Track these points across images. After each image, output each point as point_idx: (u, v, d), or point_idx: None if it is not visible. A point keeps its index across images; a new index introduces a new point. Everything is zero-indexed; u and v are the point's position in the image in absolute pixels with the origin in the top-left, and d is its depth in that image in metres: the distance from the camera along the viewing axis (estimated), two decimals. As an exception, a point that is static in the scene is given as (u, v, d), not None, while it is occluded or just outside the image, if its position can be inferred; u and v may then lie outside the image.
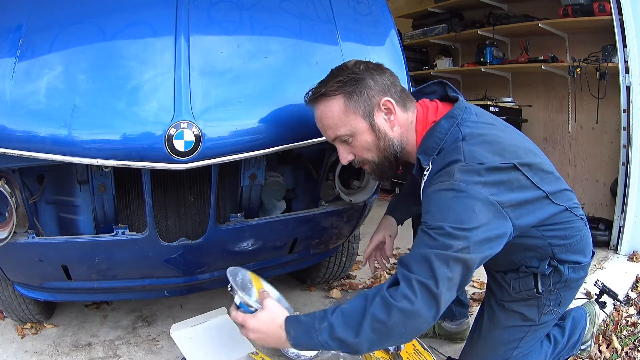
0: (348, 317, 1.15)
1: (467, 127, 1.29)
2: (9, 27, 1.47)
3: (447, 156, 1.25)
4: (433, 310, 1.13)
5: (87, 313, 2.28)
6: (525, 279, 1.45)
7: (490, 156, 1.22)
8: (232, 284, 1.30)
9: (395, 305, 1.11)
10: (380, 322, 1.12)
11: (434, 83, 1.46)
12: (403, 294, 1.11)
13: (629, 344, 1.98)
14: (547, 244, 1.38)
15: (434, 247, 1.14)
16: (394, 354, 1.69)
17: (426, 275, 1.12)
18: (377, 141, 1.34)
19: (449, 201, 1.17)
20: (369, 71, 1.32)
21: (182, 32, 1.52)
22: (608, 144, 3.21)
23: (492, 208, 1.19)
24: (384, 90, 1.31)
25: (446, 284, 1.13)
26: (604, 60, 2.99)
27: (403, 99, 1.35)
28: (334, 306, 1.19)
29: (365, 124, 1.32)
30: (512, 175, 1.24)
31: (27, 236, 1.56)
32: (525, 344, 1.52)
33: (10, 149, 1.39)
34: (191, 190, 1.83)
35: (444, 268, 1.13)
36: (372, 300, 1.14)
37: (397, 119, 1.33)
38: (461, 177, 1.18)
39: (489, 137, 1.27)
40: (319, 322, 1.16)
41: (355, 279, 2.66)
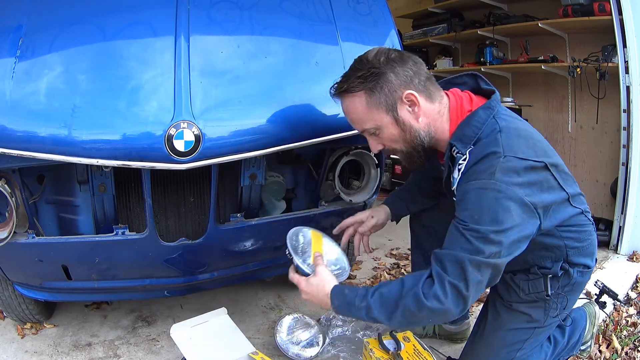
0: (384, 302, 1.27)
1: (503, 119, 1.31)
2: (9, 27, 1.47)
3: (486, 148, 1.26)
4: (460, 307, 1.23)
5: (87, 313, 2.28)
6: (535, 281, 1.45)
7: (526, 150, 1.25)
8: (289, 249, 1.41)
9: (426, 304, 1.21)
10: (411, 313, 1.24)
11: (465, 74, 1.45)
12: (435, 295, 1.21)
13: (629, 344, 1.98)
14: (563, 245, 1.40)
15: (468, 251, 1.21)
16: (394, 354, 1.69)
17: (459, 278, 1.21)
18: (403, 133, 1.34)
19: (489, 202, 1.20)
20: (390, 63, 1.28)
21: (182, 32, 1.52)
22: (608, 144, 3.21)
23: (526, 209, 1.23)
24: (406, 82, 1.29)
25: (476, 286, 1.22)
26: (604, 60, 2.99)
27: (427, 89, 1.32)
28: (373, 287, 1.31)
29: (390, 118, 1.32)
30: (544, 176, 1.28)
31: (27, 236, 1.56)
32: (529, 345, 1.52)
33: (10, 149, 1.39)
34: (191, 190, 1.83)
35: (476, 273, 1.21)
36: (407, 293, 1.24)
37: (421, 109, 1.32)
38: (502, 178, 1.20)
39: (523, 132, 1.31)
40: (360, 301, 1.29)
41: (355, 279, 2.66)
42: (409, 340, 1.76)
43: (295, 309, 2.31)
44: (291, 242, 1.46)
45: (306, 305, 2.36)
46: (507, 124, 1.30)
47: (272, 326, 2.09)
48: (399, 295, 1.25)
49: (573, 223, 1.39)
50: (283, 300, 2.42)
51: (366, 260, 2.93)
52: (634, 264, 2.76)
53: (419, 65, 1.32)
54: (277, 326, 2.00)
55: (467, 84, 1.45)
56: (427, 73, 1.34)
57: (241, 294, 2.46)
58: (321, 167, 1.85)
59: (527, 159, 1.25)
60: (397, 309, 1.25)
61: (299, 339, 1.97)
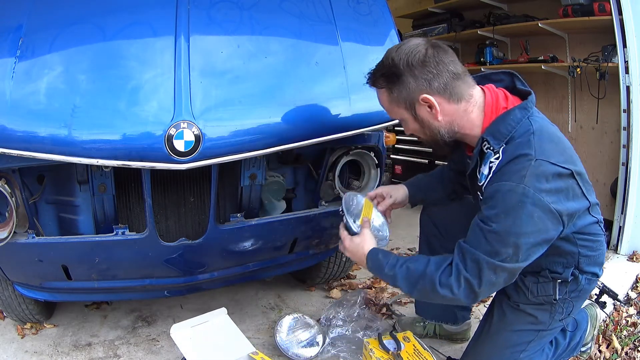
0: (407, 277, 1.39)
1: (537, 122, 1.33)
2: (9, 27, 1.47)
3: (518, 148, 1.28)
4: (470, 299, 1.34)
5: (87, 313, 2.28)
6: (544, 284, 1.47)
7: (557, 155, 1.28)
8: (343, 207, 1.56)
9: (440, 292, 1.33)
10: (426, 292, 1.37)
11: (502, 72, 1.48)
12: (449, 285, 1.31)
13: (629, 344, 1.98)
14: (577, 252, 1.43)
15: (487, 252, 1.27)
16: (394, 354, 1.69)
17: (474, 276, 1.29)
18: (422, 129, 1.42)
19: (514, 205, 1.24)
20: (409, 67, 1.32)
21: (182, 32, 1.52)
22: (608, 144, 3.21)
23: (551, 215, 1.26)
24: (423, 86, 1.33)
25: (488, 285, 1.31)
26: (604, 60, 2.98)
27: (450, 89, 1.33)
28: (404, 259, 1.43)
29: (409, 115, 1.40)
30: (570, 183, 1.30)
31: (27, 236, 1.56)
32: (532, 347, 1.53)
33: (10, 149, 1.39)
34: (191, 190, 1.83)
35: (492, 274, 1.29)
36: (427, 275, 1.35)
37: (441, 109, 1.35)
38: (531, 182, 1.23)
39: (555, 137, 1.34)
40: (389, 269, 1.42)
41: (355, 279, 2.66)
42: (409, 340, 1.76)
43: (295, 309, 2.31)
44: (346, 203, 1.60)
45: (306, 305, 2.36)
46: (540, 127, 1.32)
47: (272, 326, 2.09)
48: (420, 275, 1.36)
49: (589, 231, 1.42)
50: (283, 300, 2.42)
51: (366, 260, 2.93)
52: (634, 264, 2.76)
53: (443, 66, 1.32)
54: (277, 326, 2.00)
55: (504, 81, 1.47)
56: (454, 72, 1.33)
57: (241, 294, 2.46)
58: (321, 167, 1.85)
59: (556, 165, 1.27)
60: (417, 286, 1.37)
61: (299, 339, 1.97)
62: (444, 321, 1.98)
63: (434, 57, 1.32)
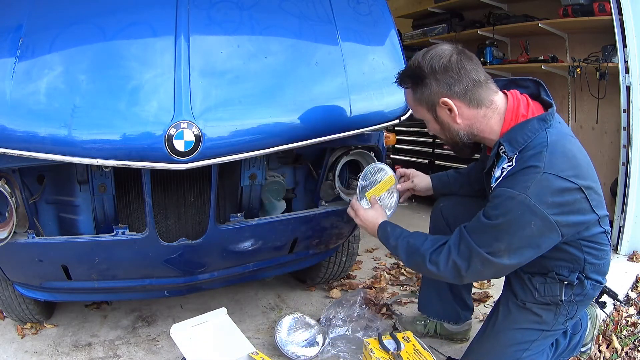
0: (406, 249, 1.52)
1: (554, 135, 1.37)
2: (9, 27, 1.47)
3: (529, 160, 1.33)
4: (456, 280, 1.44)
5: (87, 313, 2.28)
6: (551, 284, 1.49)
7: (566, 170, 1.32)
8: (360, 183, 1.73)
9: (428, 267, 1.45)
10: (417, 265, 1.52)
11: (530, 79, 1.53)
12: (436, 263, 1.43)
13: (629, 344, 1.98)
14: (583, 258, 1.46)
15: (479, 243, 1.36)
16: (394, 354, 1.69)
17: (463, 260, 1.39)
18: (443, 130, 1.50)
19: (513, 211, 1.30)
20: (433, 71, 1.39)
21: (182, 32, 1.52)
22: (608, 144, 3.21)
23: (549, 225, 1.31)
24: (445, 89, 1.40)
25: (474, 273, 1.40)
26: (604, 60, 2.99)
27: (470, 94, 1.40)
28: (408, 232, 1.57)
29: (430, 116, 1.48)
30: (576, 197, 1.33)
31: (27, 236, 1.56)
32: (535, 347, 1.54)
33: (10, 149, 1.39)
34: (191, 190, 1.83)
35: (479, 264, 1.37)
36: (421, 251, 1.48)
37: (460, 113, 1.42)
38: (533, 194, 1.29)
39: (568, 152, 1.36)
40: (394, 239, 1.56)
41: (355, 279, 2.66)
42: (409, 340, 1.76)
43: (295, 309, 2.31)
44: (366, 172, 1.74)
45: (306, 305, 2.36)
46: (556, 140, 1.36)
47: (272, 326, 2.09)
48: (416, 249, 1.50)
49: (596, 240, 1.46)
50: (283, 300, 2.42)
51: (366, 261, 2.93)
52: (634, 264, 2.76)
53: (465, 72, 1.39)
54: (277, 326, 2.00)
55: (529, 88, 1.52)
56: (475, 79, 1.39)
57: (241, 294, 2.46)
58: (321, 167, 1.85)
59: (564, 179, 1.30)
60: (412, 257, 1.51)
61: (299, 339, 1.97)
62: (445, 320, 1.98)
63: (457, 64, 1.39)
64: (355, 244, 2.40)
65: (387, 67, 1.77)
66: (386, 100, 1.75)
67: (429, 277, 1.61)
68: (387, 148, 2.07)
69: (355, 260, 2.48)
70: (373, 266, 2.86)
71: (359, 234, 2.42)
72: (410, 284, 2.59)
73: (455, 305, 1.94)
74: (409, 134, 4.47)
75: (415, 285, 2.55)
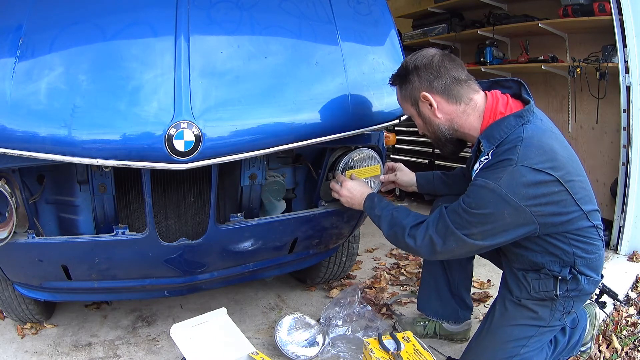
0: (389, 221, 1.60)
1: (530, 130, 1.42)
2: (9, 27, 1.47)
3: (504, 154, 1.40)
4: (430, 256, 1.52)
5: (87, 313, 2.28)
6: (545, 280, 1.50)
7: (542, 163, 1.36)
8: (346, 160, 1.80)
9: (405, 239, 1.53)
10: (396, 237, 1.58)
11: (512, 80, 1.59)
12: (414, 237, 1.51)
13: (629, 344, 1.98)
14: (571, 252, 1.47)
15: (455, 224, 1.43)
16: (394, 354, 1.69)
17: (438, 237, 1.46)
18: (426, 125, 1.59)
19: (485, 199, 1.37)
20: (415, 68, 1.51)
21: (182, 32, 1.52)
22: (608, 144, 3.21)
23: (523, 215, 1.36)
24: (425, 85, 1.50)
25: (448, 251, 1.48)
26: (604, 60, 2.98)
27: (449, 91, 1.49)
28: (393, 206, 1.65)
29: (414, 111, 1.58)
30: (553, 190, 1.37)
31: (27, 236, 1.56)
32: (533, 344, 1.54)
33: (10, 149, 1.39)
34: (191, 190, 1.83)
35: (453, 243, 1.44)
36: (402, 224, 1.55)
37: (440, 108, 1.51)
38: (506, 182, 1.35)
39: (545, 145, 1.40)
40: (379, 209, 1.64)
41: (355, 279, 2.66)
42: (409, 340, 1.76)
43: (295, 309, 2.31)
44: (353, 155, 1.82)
45: (306, 305, 2.36)
46: (532, 135, 1.40)
47: (272, 326, 2.10)
48: (398, 222, 1.57)
49: (585, 234, 1.47)
50: (283, 300, 2.42)
51: (366, 261, 2.93)
52: (634, 263, 2.76)
53: (445, 70, 1.49)
54: (277, 326, 2.00)
55: (512, 88, 1.58)
56: (455, 77, 1.49)
57: (241, 294, 2.46)
58: (321, 167, 1.85)
59: (538, 170, 1.35)
60: (392, 228, 1.58)
61: (299, 339, 1.97)
62: (444, 319, 1.98)
63: (438, 62, 1.49)
64: (355, 244, 2.40)
65: (387, 67, 1.77)
66: (386, 100, 1.75)
67: (406, 250, 1.64)
68: (387, 148, 2.07)
69: (355, 260, 2.48)
70: (373, 266, 2.87)
71: (359, 234, 2.42)
72: (410, 284, 2.59)
73: (455, 305, 1.94)
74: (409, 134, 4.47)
75: (415, 285, 2.55)
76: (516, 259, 1.56)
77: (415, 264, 2.83)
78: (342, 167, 1.81)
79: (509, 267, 1.61)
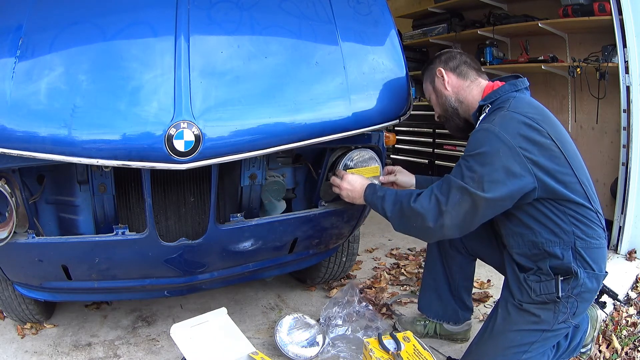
0: (393, 199, 1.60)
1: (523, 95, 1.60)
2: (9, 27, 1.47)
3: (497, 106, 1.56)
4: (437, 220, 1.47)
5: (87, 313, 2.28)
6: (546, 282, 1.49)
7: (533, 115, 1.47)
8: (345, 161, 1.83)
9: (412, 205, 1.52)
10: (402, 210, 1.56)
11: (511, 76, 1.70)
12: (420, 201, 1.51)
13: (629, 344, 1.99)
14: (571, 231, 1.48)
15: (456, 174, 1.48)
16: (394, 354, 1.69)
17: (442, 195, 1.48)
18: (437, 98, 1.77)
19: (481, 139, 1.46)
20: (439, 56, 1.78)
21: (182, 32, 1.52)
22: (608, 144, 3.21)
23: (517, 158, 1.42)
24: (442, 65, 1.74)
25: (453, 206, 1.46)
26: (604, 60, 2.99)
27: (460, 69, 1.72)
28: (393, 190, 1.66)
29: (431, 87, 1.79)
30: (547, 143, 1.45)
31: (27, 236, 1.56)
32: (535, 349, 1.53)
33: (11, 149, 1.39)
34: (191, 190, 1.83)
35: (457, 195, 1.46)
36: (406, 196, 1.56)
37: (450, 81, 1.72)
38: (498, 122, 1.46)
39: (534, 104, 1.57)
40: (381, 192, 1.66)
41: (356, 279, 2.66)
42: (409, 340, 1.76)
43: (295, 309, 2.31)
44: (352, 156, 1.85)
45: (306, 305, 2.36)
46: (523, 97, 1.58)
47: (272, 326, 2.10)
48: (401, 195, 1.59)
49: (584, 215, 1.49)
50: (283, 300, 2.42)
51: (366, 261, 2.93)
52: (632, 262, 2.76)
53: (460, 56, 1.74)
54: (277, 326, 2.00)
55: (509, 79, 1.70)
56: (468, 62, 1.73)
57: (241, 294, 2.46)
58: (321, 167, 1.85)
59: (528, 117, 1.46)
60: (397, 204, 1.58)
61: (299, 339, 1.97)
62: (445, 320, 1.98)
63: (458, 52, 1.76)
64: (355, 244, 2.40)
65: (387, 67, 1.77)
66: (386, 100, 1.75)
67: (410, 226, 1.58)
68: (387, 148, 2.07)
69: (355, 260, 2.48)
70: (373, 266, 2.87)
71: (359, 234, 2.42)
72: (410, 284, 2.59)
73: (455, 306, 1.94)
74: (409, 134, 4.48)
75: (415, 285, 2.55)
76: (515, 243, 1.56)
77: (415, 264, 2.83)
78: (341, 167, 1.82)
79: (511, 266, 1.60)
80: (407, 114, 1.82)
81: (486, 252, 1.82)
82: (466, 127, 1.74)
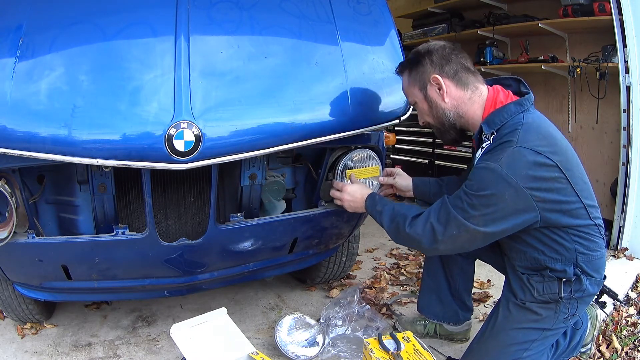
0: (391, 214, 1.59)
1: (530, 117, 1.46)
2: (9, 27, 1.47)
3: (505, 137, 1.43)
4: (431, 245, 1.48)
5: (87, 313, 2.28)
6: (549, 283, 1.50)
7: (542, 147, 1.38)
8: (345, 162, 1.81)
9: (407, 229, 1.52)
10: (397, 229, 1.56)
11: (511, 78, 1.63)
12: (414, 225, 1.50)
13: (629, 344, 1.99)
14: (573, 248, 1.47)
15: (456, 207, 1.42)
16: (394, 354, 1.69)
17: (439, 224, 1.45)
18: (431, 109, 1.59)
19: (487, 180, 1.38)
20: (429, 54, 1.56)
21: (182, 32, 1.52)
22: (608, 144, 3.21)
23: (524, 198, 1.36)
24: (437, 69, 1.54)
25: (449, 239, 1.45)
26: (604, 60, 2.99)
27: (459, 76, 1.54)
28: (393, 203, 1.63)
29: (421, 95, 1.59)
30: (553, 175, 1.39)
31: (27, 236, 1.56)
32: (536, 347, 1.54)
33: (11, 149, 1.39)
34: (191, 190, 1.83)
35: (454, 229, 1.43)
36: (404, 216, 1.54)
37: (448, 92, 1.54)
38: (506, 162, 1.36)
39: (544, 130, 1.45)
40: (380, 205, 1.64)
41: (355, 279, 2.66)
42: (409, 340, 1.76)
43: (295, 309, 2.31)
44: (352, 156, 1.83)
45: (306, 305, 2.36)
46: (532, 121, 1.45)
47: (272, 326, 2.10)
48: (399, 214, 1.57)
49: (586, 231, 1.47)
50: (283, 300, 2.42)
51: (366, 261, 2.94)
52: (634, 263, 2.76)
53: (455, 57, 1.55)
54: (277, 326, 2.00)
55: (512, 86, 1.61)
56: (464, 65, 1.55)
57: (241, 294, 2.46)
58: (321, 167, 1.85)
59: (538, 153, 1.37)
60: (394, 221, 1.57)
61: (299, 339, 1.97)
62: (445, 320, 1.98)
63: (450, 49, 1.56)
64: (355, 244, 2.40)
65: (387, 67, 1.77)
66: (386, 100, 1.75)
67: (406, 243, 1.62)
68: (387, 148, 2.07)
69: (355, 260, 2.48)
70: (373, 266, 2.87)
71: (359, 234, 2.42)
72: (410, 284, 2.59)
73: (455, 306, 1.94)
74: (409, 134, 4.47)
75: (415, 285, 2.55)
76: (517, 257, 1.55)
77: (415, 264, 2.83)
78: (341, 167, 1.81)
79: (512, 269, 1.60)
80: (407, 113, 1.82)
81: (487, 254, 1.81)
82: (461, 137, 1.65)
